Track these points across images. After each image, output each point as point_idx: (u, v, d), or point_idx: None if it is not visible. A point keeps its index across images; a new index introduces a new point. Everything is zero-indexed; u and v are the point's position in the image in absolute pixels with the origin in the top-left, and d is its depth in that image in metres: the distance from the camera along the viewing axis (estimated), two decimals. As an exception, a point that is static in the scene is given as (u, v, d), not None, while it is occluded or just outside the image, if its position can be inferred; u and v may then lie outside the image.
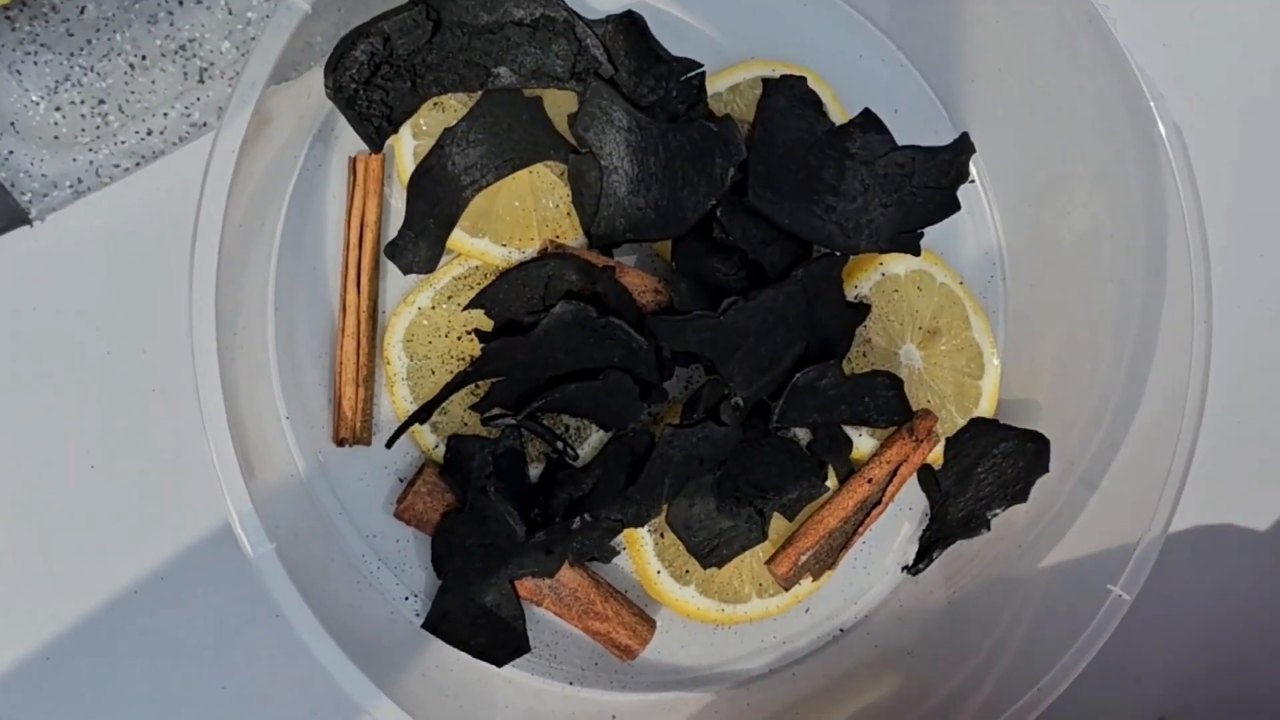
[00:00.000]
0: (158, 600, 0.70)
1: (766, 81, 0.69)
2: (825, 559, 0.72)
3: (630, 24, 0.68)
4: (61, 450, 0.70)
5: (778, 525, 0.72)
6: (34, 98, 0.67)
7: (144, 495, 0.70)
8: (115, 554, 0.70)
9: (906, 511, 0.76)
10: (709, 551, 0.69)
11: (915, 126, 0.74)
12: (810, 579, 0.72)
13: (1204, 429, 0.66)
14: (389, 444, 0.68)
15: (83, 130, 0.67)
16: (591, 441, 0.69)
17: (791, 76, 0.70)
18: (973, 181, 0.74)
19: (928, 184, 0.70)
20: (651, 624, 0.71)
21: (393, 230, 0.68)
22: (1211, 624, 0.81)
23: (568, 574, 0.69)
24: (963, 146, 0.71)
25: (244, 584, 0.70)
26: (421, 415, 0.67)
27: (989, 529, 0.73)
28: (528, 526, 0.65)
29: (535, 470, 0.69)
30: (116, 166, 0.68)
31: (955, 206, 0.72)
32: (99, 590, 0.70)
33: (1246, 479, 0.81)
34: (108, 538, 0.70)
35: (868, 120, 0.70)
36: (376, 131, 0.66)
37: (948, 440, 0.73)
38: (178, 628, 0.70)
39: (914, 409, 0.72)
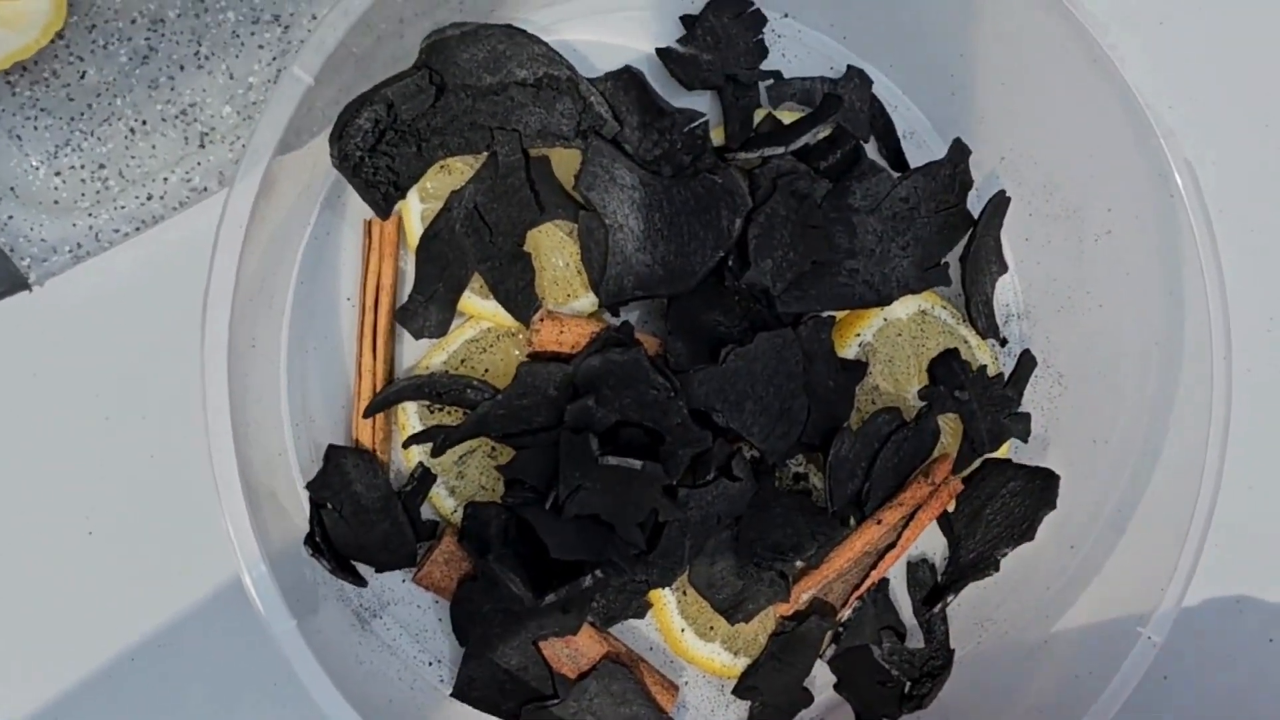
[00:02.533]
0: (157, 667, 0.69)
1: (751, 174, 0.68)
2: (836, 600, 0.71)
3: (630, 79, 0.67)
4: (60, 516, 0.69)
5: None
6: (34, 162, 0.66)
7: (143, 561, 0.69)
8: (113, 621, 0.69)
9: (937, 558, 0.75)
10: (734, 607, 0.68)
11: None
12: (817, 618, 0.71)
13: (1229, 467, 0.65)
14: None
15: (83, 195, 0.67)
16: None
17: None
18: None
19: (937, 207, 0.70)
20: (674, 688, 0.70)
21: (403, 295, 0.67)
22: (1245, 671, 0.80)
23: (587, 642, 0.68)
24: (958, 154, 0.71)
25: (245, 650, 0.69)
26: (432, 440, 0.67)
27: (998, 569, 0.72)
28: (536, 590, 0.63)
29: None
30: (116, 231, 0.67)
31: (970, 220, 0.71)
32: (96, 657, 0.69)
33: (1266, 518, 0.80)
34: (105, 604, 0.69)
35: (858, 161, 0.70)
36: (384, 198, 0.65)
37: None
38: (177, 694, 0.70)
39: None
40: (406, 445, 0.67)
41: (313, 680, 0.58)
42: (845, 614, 0.71)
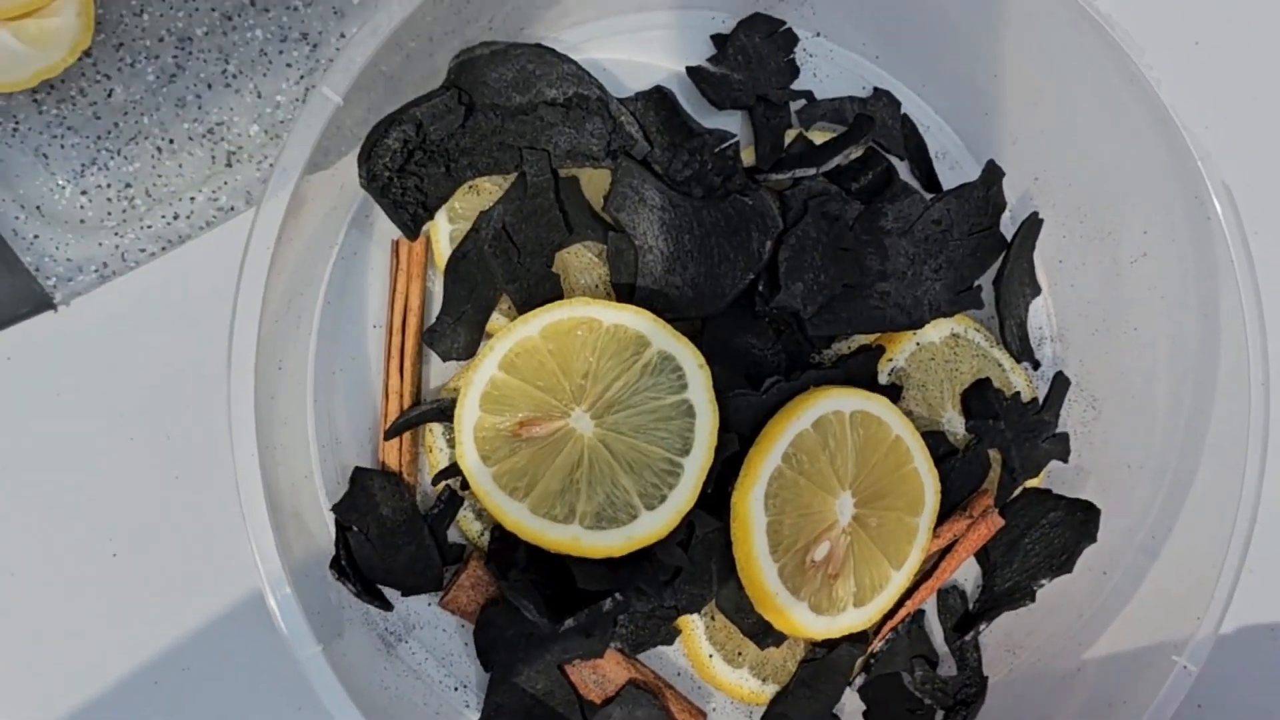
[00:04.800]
0: (179, 689, 0.69)
1: (782, 195, 0.68)
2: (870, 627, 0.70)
3: (660, 99, 0.66)
4: (84, 536, 0.69)
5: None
6: (60, 181, 0.66)
7: (166, 583, 0.69)
8: (136, 642, 0.69)
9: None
10: (763, 632, 0.67)
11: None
12: (848, 645, 0.70)
13: (1266, 493, 0.64)
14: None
15: (109, 214, 0.66)
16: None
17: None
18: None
19: (970, 229, 0.69)
20: (701, 715, 0.69)
21: (430, 316, 0.67)
22: (1270, 707, 0.79)
23: (613, 668, 0.67)
24: (992, 175, 0.70)
25: (269, 673, 0.69)
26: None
27: (1033, 600, 0.71)
28: (555, 615, 0.63)
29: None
30: (142, 251, 0.67)
31: (1003, 243, 0.71)
32: (119, 679, 0.69)
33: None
34: (128, 625, 0.69)
35: (891, 183, 0.69)
36: (412, 219, 0.64)
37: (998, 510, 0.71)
38: (200, 717, 0.69)
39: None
40: (436, 481, 0.67)
41: (338, 706, 0.58)
42: (878, 645, 0.70)
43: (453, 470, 0.65)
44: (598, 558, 0.63)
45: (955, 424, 0.72)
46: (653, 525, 0.62)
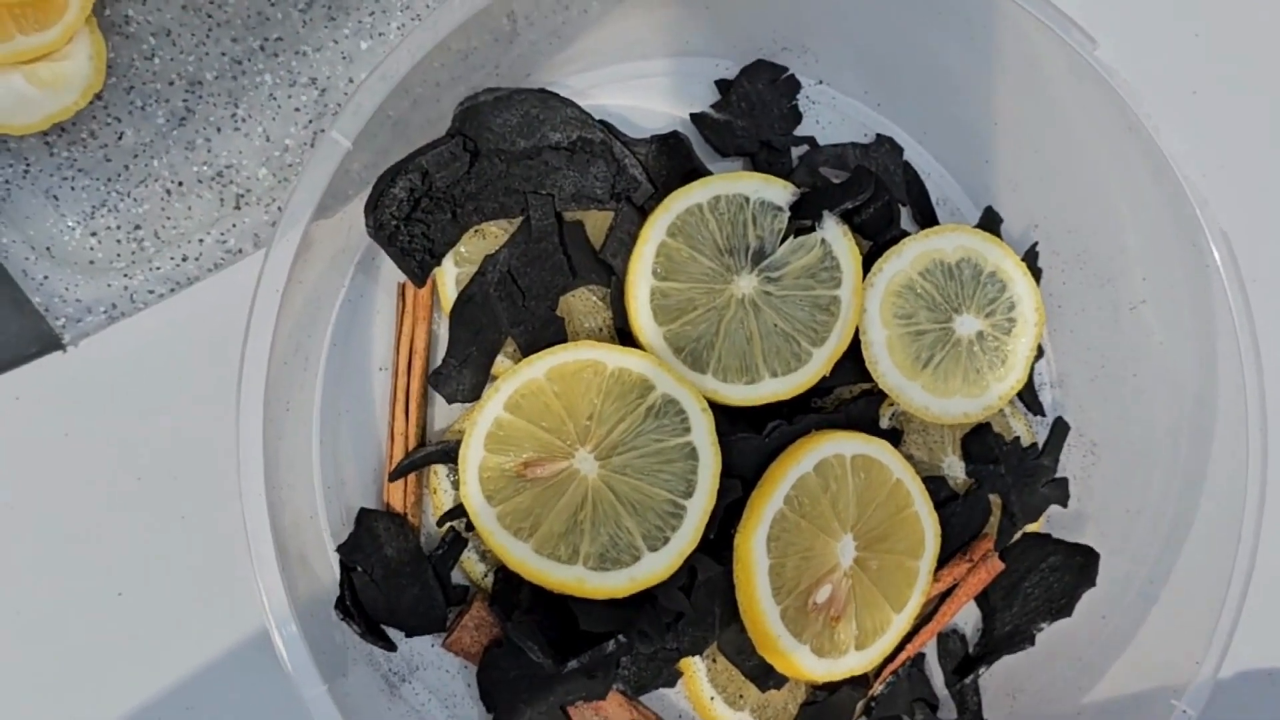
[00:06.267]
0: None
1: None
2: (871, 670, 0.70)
3: (676, 144, 0.67)
4: (90, 576, 0.69)
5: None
6: (70, 223, 0.67)
7: (172, 623, 0.69)
8: (141, 682, 0.69)
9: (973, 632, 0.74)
10: (764, 674, 0.67)
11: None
12: (849, 688, 0.70)
13: (1264, 538, 0.65)
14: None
15: (118, 256, 0.67)
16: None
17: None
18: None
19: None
20: (704, 756, 0.70)
21: (436, 358, 0.67)
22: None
23: (616, 710, 0.67)
24: (990, 221, 0.73)
25: (273, 714, 0.69)
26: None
27: (1033, 643, 0.71)
28: (558, 656, 0.63)
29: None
30: (151, 292, 0.67)
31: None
32: (125, 719, 0.69)
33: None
34: (134, 665, 0.69)
35: (893, 222, 0.70)
36: (419, 266, 0.65)
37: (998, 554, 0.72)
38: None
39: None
40: (441, 523, 0.67)
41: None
42: (878, 689, 0.70)
43: (458, 511, 0.66)
44: (601, 599, 0.63)
45: (956, 468, 0.72)
46: (655, 566, 0.63)
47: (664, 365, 0.64)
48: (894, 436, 0.70)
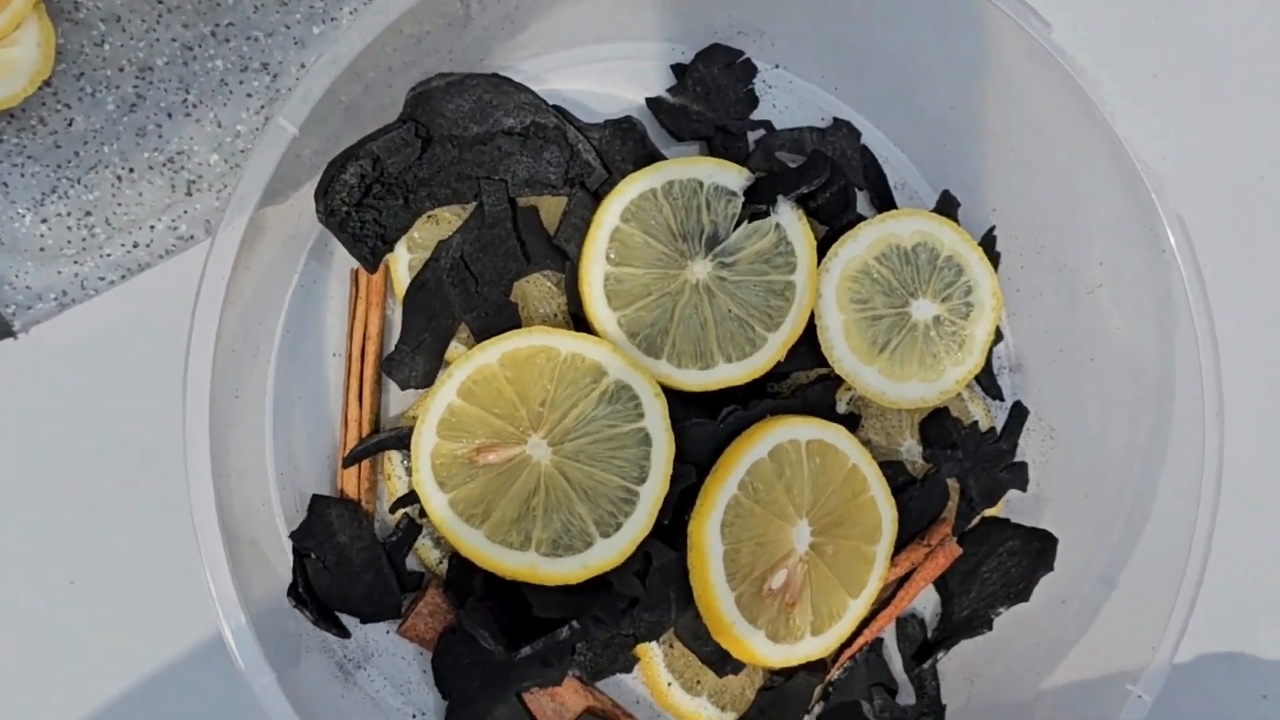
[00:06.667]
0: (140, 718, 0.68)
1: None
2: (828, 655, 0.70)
3: (630, 129, 0.67)
4: (41, 564, 0.68)
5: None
6: (20, 210, 0.66)
7: (124, 611, 0.69)
8: (93, 671, 0.69)
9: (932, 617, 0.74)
10: (721, 660, 0.67)
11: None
12: (806, 674, 0.70)
13: (1222, 523, 0.65)
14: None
15: (69, 242, 0.66)
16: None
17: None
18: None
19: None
20: (661, 742, 0.69)
21: (390, 344, 0.67)
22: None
23: (572, 696, 0.67)
24: (947, 205, 0.72)
25: (227, 702, 0.69)
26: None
27: (991, 628, 0.71)
28: (512, 643, 0.63)
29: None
30: (102, 279, 0.67)
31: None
32: (75, 708, 0.68)
33: (1261, 573, 0.79)
34: (86, 654, 0.69)
35: (849, 205, 0.70)
36: (371, 252, 0.65)
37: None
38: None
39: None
40: (394, 509, 0.67)
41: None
42: (836, 674, 0.70)
43: (411, 498, 0.65)
44: (554, 585, 0.63)
45: (914, 453, 0.72)
46: (608, 552, 0.63)
47: (618, 351, 0.64)
48: (851, 422, 0.70)
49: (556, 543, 0.62)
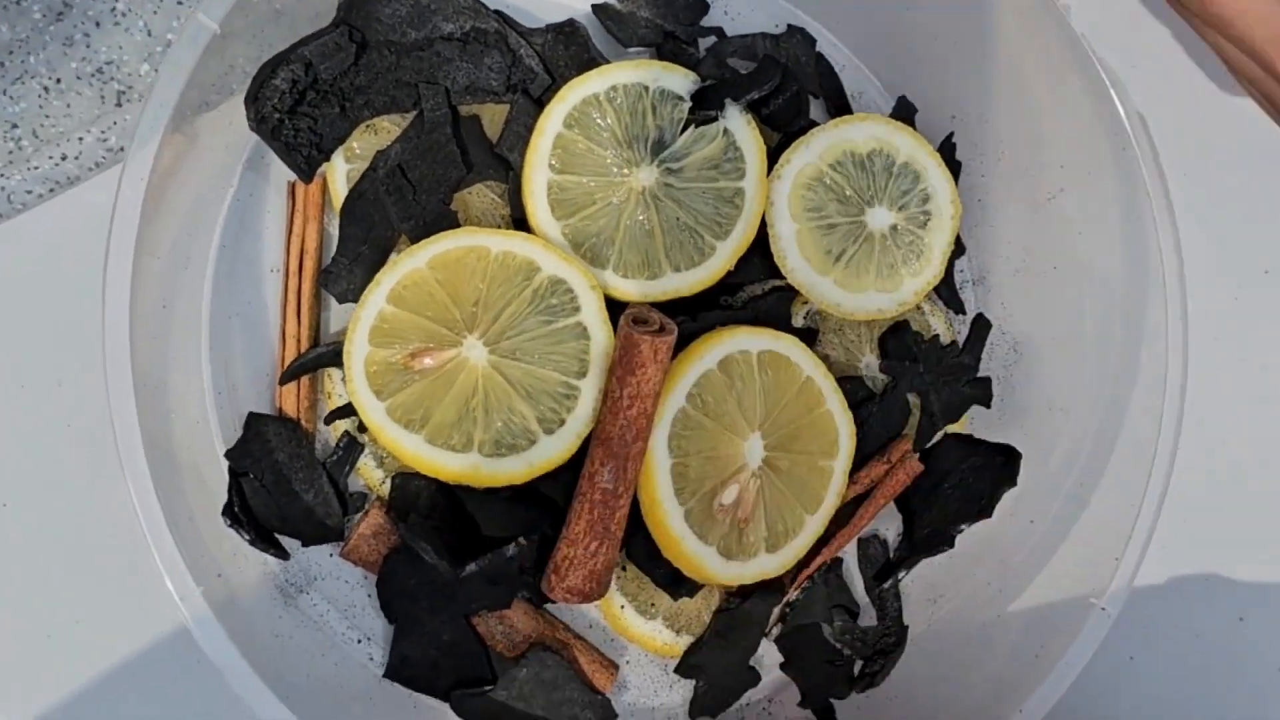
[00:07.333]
0: (74, 645, 0.67)
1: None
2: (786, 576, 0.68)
3: (572, 33, 0.65)
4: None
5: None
6: (-56, 124, 0.64)
7: (59, 534, 0.67)
8: (28, 595, 0.67)
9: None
10: (676, 583, 0.66)
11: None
12: (762, 595, 0.68)
13: (1199, 441, 0.63)
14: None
15: (-5, 157, 0.64)
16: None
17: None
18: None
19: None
20: (613, 668, 0.68)
21: (329, 257, 0.65)
22: (1215, 651, 0.77)
23: (523, 620, 0.66)
24: (904, 111, 0.71)
25: (171, 628, 0.67)
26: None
27: (952, 546, 0.69)
28: (456, 560, 0.61)
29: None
30: (30, 193, 0.65)
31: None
32: (10, 632, 0.67)
33: (1236, 493, 0.77)
34: (20, 579, 0.67)
35: (801, 112, 0.69)
36: (306, 161, 0.63)
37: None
38: (97, 673, 0.67)
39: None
40: (329, 421, 0.65)
41: (216, 651, 0.56)
42: (794, 595, 0.68)
43: (346, 409, 0.64)
44: (501, 494, 0.61)
45: (874, 369, 0.70)
46: (552, 450, 0.61)
47: (549, 246, 0.62)
48: (809, 335, 0.68)
49: (499, 443, 0.61)
